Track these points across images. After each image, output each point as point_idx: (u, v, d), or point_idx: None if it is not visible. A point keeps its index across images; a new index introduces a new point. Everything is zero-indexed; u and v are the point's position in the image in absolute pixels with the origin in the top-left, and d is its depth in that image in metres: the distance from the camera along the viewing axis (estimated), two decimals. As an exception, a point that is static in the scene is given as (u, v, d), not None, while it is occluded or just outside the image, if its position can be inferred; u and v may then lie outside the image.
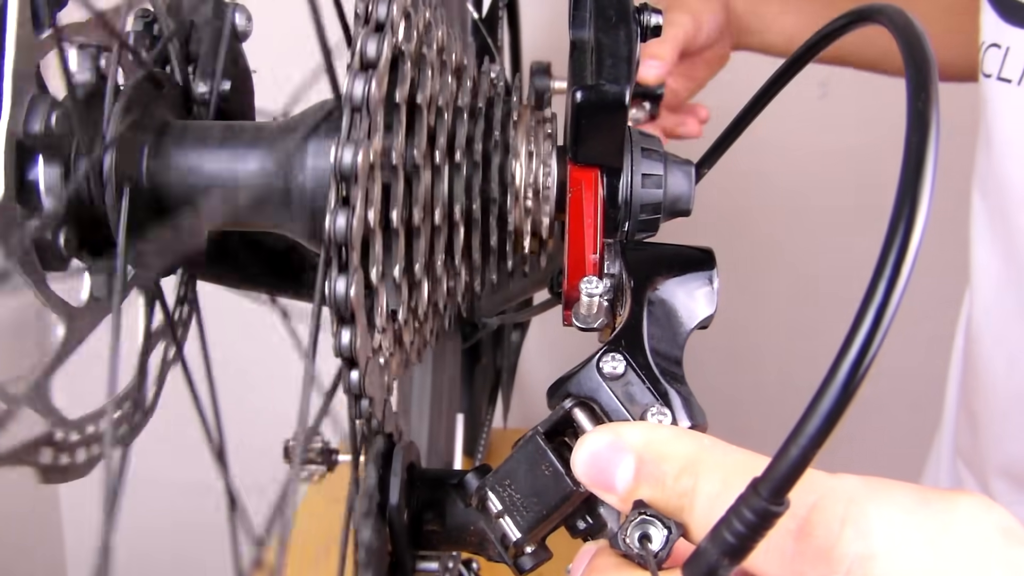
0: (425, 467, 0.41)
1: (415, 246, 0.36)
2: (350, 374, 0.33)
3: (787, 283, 1.38)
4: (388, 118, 0.34)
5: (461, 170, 0.37)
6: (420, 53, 0.37)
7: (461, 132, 0.37)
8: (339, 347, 0.32)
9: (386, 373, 0.37)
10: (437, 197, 0.36)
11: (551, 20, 1.17)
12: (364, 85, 0.32)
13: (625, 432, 0.31)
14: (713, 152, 0.44)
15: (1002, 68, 0.70)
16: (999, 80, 0.70)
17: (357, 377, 0.33)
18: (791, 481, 0.25)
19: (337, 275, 0.31)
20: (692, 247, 0.38)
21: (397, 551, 0.37)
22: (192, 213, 0.38)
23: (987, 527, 0.28)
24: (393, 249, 0.35)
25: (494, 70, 0.42)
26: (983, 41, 0.72)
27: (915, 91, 0.27)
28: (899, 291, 0.24)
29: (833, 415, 0.24)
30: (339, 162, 0.31)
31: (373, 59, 0.33)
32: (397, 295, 0.36)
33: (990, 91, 0.72)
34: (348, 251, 0.31)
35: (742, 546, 0.26)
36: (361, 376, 0.33)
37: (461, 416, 0.86)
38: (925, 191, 0.25)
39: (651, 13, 0.40)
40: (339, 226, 0.31)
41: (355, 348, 0.32)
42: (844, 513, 0.27)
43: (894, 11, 0.29)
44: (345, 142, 0.31)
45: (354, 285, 0.31)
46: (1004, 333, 0.76)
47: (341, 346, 0.32)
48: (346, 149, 0.31)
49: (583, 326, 0.38)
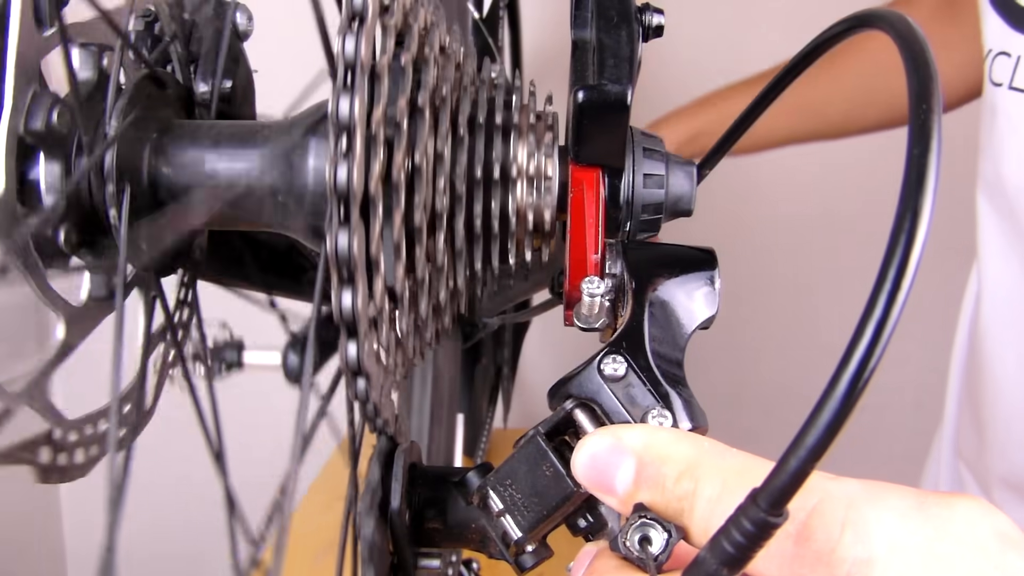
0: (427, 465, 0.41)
1: (416, 245, 0.36)
2: (356, 381, 0.33)
3: (787, 284, 1.38)
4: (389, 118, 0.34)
5: (462, 170, 0.37)
6: (422, 53, 0.37)
7: (462, 131, 0.37)
8: (345, 359, 0.32)
9: (391, 375, 0.37)
10: (439, 196, 0.36)
11: (551, 20, 1.17)
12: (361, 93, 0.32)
13: (625, 435, 0.31)
14: (714, 153, 0.44)
15: (1014, 77, 0.69)
16: (1012, 89, 0.69)
17: (364, 386, 0.33)
18: (790, 493, 0.25)
19: (342, 288, 0.31)
20: (694, 247, 0.38)
21: (399, 550, 0.37)
22: (192, 212, 0.38)
23: (984, 531, 0.28)
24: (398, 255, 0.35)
25: (495, 70, 0.42)
26: (990, 49, 0.71)
27: (917, 101, 0.26)
28: (899, 305, 0.24)
29: (832, 427, 0.24)
30: (335, 179, 0.31)
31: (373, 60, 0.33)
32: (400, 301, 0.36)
33: (1002, 101, 0.70)
34: (351, 259, 0.31)
35: (741, 556, 0.26)
36: (367, 384, 0.33)
37: (461, 416, 0.86)
38: (927, 204, 0.25)
39: (653, 13, 0.40)
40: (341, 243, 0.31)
41: (361, 356, 0.32)
42: (844, 517, 0.27)
43: (896, 18, 0.29)
44: (342, 157, 0.31)
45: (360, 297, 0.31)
46: (1014, 340, 0.75)
47: (348, 359, 0.32)
48: (342, 164, 0.31)
49: (584, 326, 0.38)
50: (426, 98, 0.35)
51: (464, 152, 0.37)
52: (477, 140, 0.38)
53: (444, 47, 0.39)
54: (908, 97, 0.27)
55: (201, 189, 0.37)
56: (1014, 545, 0.28)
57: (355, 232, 0.30)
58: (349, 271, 0.31)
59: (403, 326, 0.37)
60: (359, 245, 0.31)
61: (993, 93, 0.71)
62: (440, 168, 0.36)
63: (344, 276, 0.31)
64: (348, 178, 0.30)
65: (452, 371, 0.79)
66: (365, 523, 0.36)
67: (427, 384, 0.72)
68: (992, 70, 0.71)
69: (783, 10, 1.23)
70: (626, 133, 0.37)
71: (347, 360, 0.32)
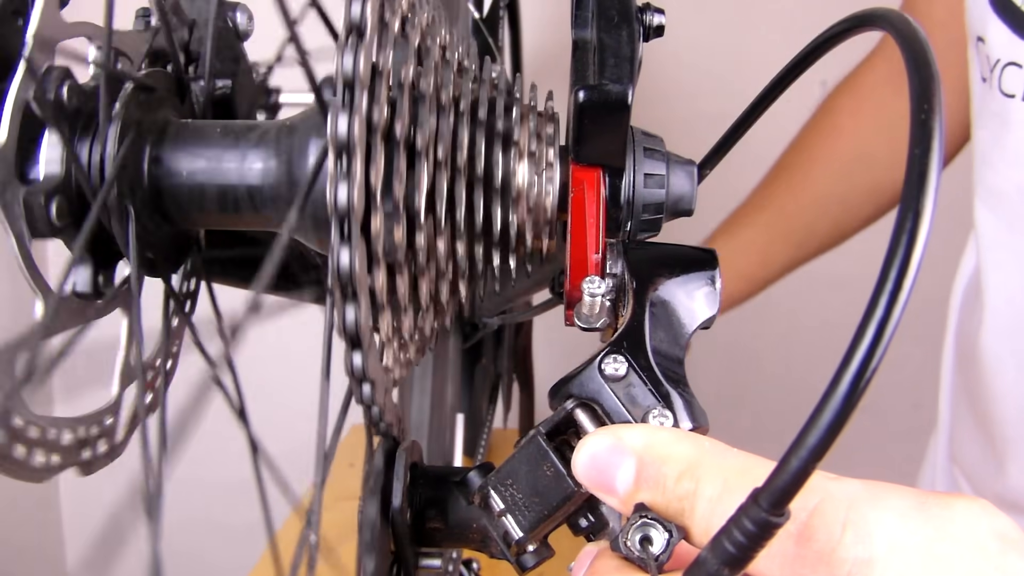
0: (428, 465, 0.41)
1: (416, 244, 0.36)
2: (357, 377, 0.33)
3: (788, 284, 1.38)
4: (390, 118, 0.34)
5: (462, 169, 0.37)
6: (424, 50, 0.37)
7: (463, 131, 0.37)
8: (350, 367, 0.32)
9: (390, 374, 0.37)
10: (439, 196, 0.36)
11: (551, 20, 1.17)
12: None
13: (626, 435, 0.31)
14: (715, 153, 0.44)
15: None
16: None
17: (369, 390, 0.33)
18: (791, 493, 0.25)
19: (345, 305, 0.31)
20: (694, 247, 0.38)
21: (400, 550, 0.37)
22: (192, 212, 0.38)
23: (984, 532, 0.28)
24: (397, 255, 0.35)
25: (495, 70, 0.42)
26: (997, 59, 0.70)
27: (918, 101, 0.26)
28: (901, 305, 0.24)
29: (834, 427, 0.24)
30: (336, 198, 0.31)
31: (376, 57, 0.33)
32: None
33: (1017, 113, 0.69)
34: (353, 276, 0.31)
35: (742, 556, 0.26)
36: (372, 388, 0.33)
37: (461, 416, 0.86)
38: (928, 204, 0.25)
39: (653, 13, 0.40)
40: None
41: (366, 364, 0.32)
42: (845, 517, 0.27)
43: (897, 17, 0.29)
44: (343, 176, 0.31)
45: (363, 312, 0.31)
46: (1015, 354, 0.75)
47: (354, 366, 0.32)
48: (342, 184, 0.31)
49: (585, 326, 0.38)
50: (426, 95, 0.35)
51: (464, 151, 0.37)
52: (478, 140, 0.38)
53: (445, 47, 0.39)
54: (909, 97, 0.27)
55: (204, 194, 0.37)
56: (1014, 546, 0.28)
57: (356, 250, 0.31)
58: (352, 288, 0.31)
59: (404, 326, 0.37)
60: (361, 263, 0.31)
61: (1005, 105, 0.70)
62: (440, 167, 0.36)
63: (347, 293, 0.31)
64: (348, 198, 0.30)
65: (452, 371, 0.79)
66: (367, 508, 0.36)
67: (427, 384, 0.72)
68: (1001, 81, 0.69)
69: (783, 10, 1.23)
70: (627, 133, 0.37)
71: (353, 369, 0.32)
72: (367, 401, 0.34)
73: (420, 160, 0.35)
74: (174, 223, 0.39)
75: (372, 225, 0.32)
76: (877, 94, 0.88)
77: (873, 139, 0.89)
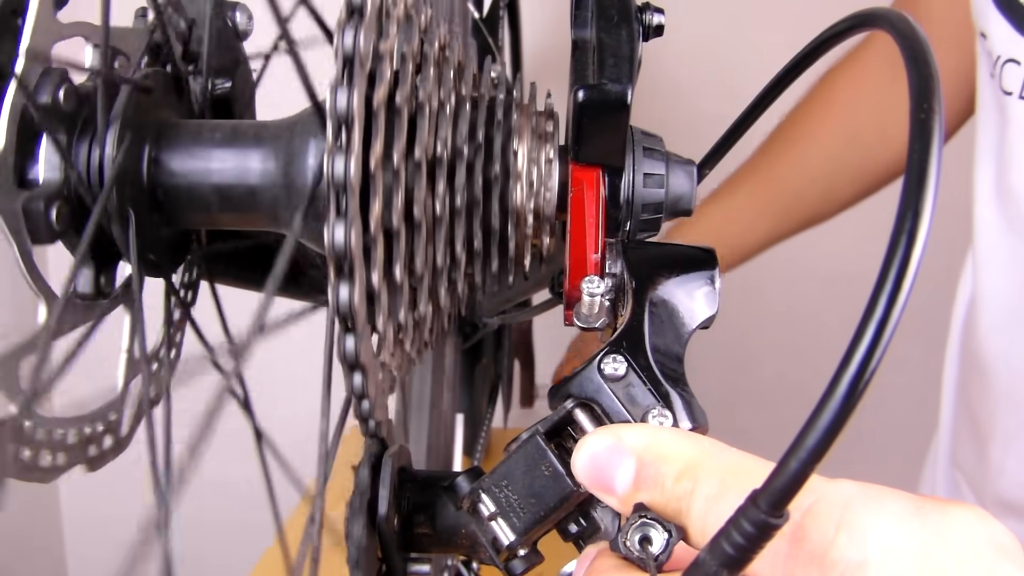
0: (418, 469, 0.41)
1: (416, 244, 0.36)
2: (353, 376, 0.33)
3: (787, 283, 1.38)
4: (389, 115, 0.34)
5: (462, 168, 0.37)
6: (422, 51, 0.37)
7: (462, 130, 0.37)
8: (343, 353, 0.32)
9: (388, 374, 0.37)
10: (438, 195, 0.36)
11: (552, 20, 1.17)
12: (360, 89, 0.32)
13: (625, 434, 0.31)
14: (715, 153, 0.44)
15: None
16: (1023, 99, 0.67)
17: (360, 381, 0.33)
18: (790, 494, 0.25)
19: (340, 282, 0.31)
20: (694, 247, 0.38)
21: (387, 556, 0.37)
22: (192, 212, 0.38)
23: (978, 540, 0.28)
24: (395, 250, 0.35)
25: (495, 70, 0.42)
26: (998, 56, 0.69)
27: (917, 100, 0.26)
28: (900, 305, 0.24)
29: (833, 429, 0.24)
30: (332, 172, 0.31)
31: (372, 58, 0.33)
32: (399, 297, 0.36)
33: (1014, 110, 0.68)
34: (349, 251, 0.31)
35: (741, 557, 0.26)
36: (363, 380, 0.33)
37: (461, 416, 0.86)
38: (928, 204, 0.25)
39: (653, 13, 0.40)
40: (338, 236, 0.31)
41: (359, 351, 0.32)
42: (839, 519, 0.27)
43: (897, 17, 0.29)
44: (342, 149, 0.31)
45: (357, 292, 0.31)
46: (1014, 353, 0.74)
47: (347, 353, 0.32)
48: (339, 156, 0.31)
49: (585, 326, 0.38)
50: (427, 95, 0.35)
51: (464, 151, 0.37)
52: (478, 140, 0.38)
53: (444, 46, 0.39)
54: (909, 96, 0.27)
55: (203, 194, 0.37)
56: (1008, 555, 0.27)
57: (352, 224, 0.30)
58: (349, 264, 0.31)
59: (402, 323, 0.37)
60: (357, 237, 0.31)
61: (1004, 102, 0.69)
62: (440, 167, 0.36)
63: (343, 269, 0.31)
64: (345, 169, 0.30)
65: (452, 371, 0.79)
66: (353, 526, 0.36)
67: (427, 384, 0.72)
68: (1002, 78, 0.69)
69: (783, 10, 1.23)
70: (626, 132, 0.37)
71: (345, 354, 0.32)
72: (357, 392, 0.34)
73: (419, 155, 0.35)
74: (174, 223, 0.39)
75: (372, 206, 0.32)
76: (876, 76, 0.88)
77: (865, 120, 0.89)
